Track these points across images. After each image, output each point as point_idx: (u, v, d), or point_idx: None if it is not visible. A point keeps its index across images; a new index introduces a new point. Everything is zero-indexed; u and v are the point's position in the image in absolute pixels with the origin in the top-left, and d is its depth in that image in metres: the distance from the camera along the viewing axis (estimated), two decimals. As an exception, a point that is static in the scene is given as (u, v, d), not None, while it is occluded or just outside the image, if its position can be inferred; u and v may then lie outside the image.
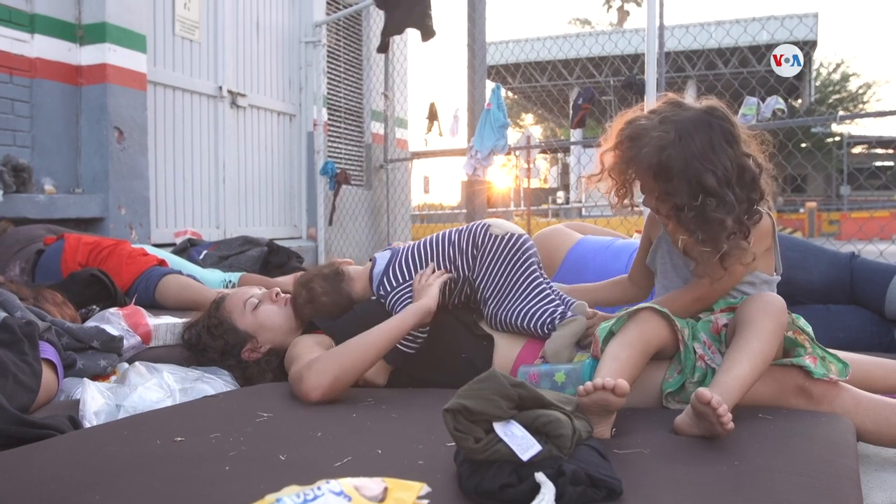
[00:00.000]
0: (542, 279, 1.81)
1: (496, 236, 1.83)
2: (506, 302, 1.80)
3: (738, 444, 1.21)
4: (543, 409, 1.07)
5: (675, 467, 1.13)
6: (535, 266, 1.83)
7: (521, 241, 1.83)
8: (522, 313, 1.76)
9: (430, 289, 1.79)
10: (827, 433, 1.29)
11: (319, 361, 1.61)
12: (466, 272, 1.87)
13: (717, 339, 1.48)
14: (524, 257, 1.81)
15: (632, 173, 1.54)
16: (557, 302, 1.76)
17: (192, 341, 2.04)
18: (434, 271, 1.87)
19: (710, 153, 1.43)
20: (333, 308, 1.95)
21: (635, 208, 1.66)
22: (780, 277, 1.62)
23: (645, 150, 1.45)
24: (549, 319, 1.73)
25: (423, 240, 1.96)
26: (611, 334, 1.48)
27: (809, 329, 1.48)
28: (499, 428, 1.02)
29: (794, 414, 1.39)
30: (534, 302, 1.77)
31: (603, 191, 1.61)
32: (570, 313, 1.72)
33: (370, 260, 2.02)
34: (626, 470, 1.08)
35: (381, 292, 1.91)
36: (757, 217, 1.49)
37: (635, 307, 1.47)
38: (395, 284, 1.89)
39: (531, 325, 1.75)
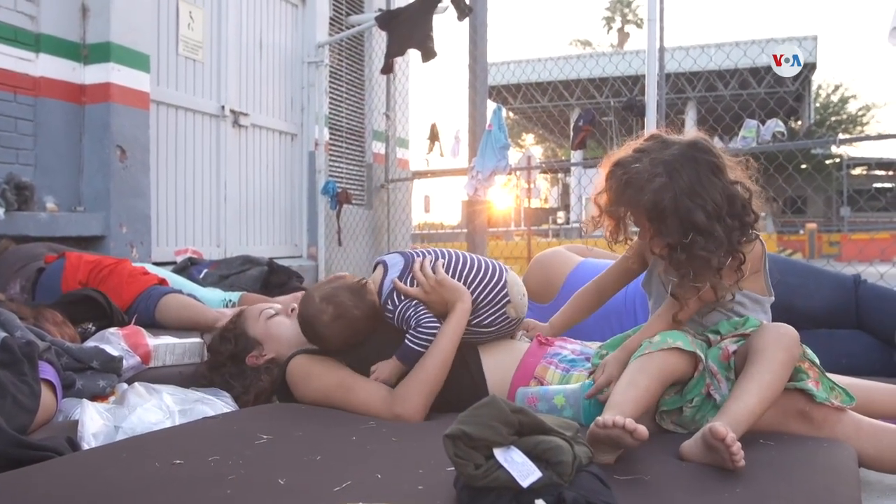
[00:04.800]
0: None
1: (511, 318, 1.84)
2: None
3: (740, 471, 1.20)
4: (544, 434, 1.06)
5: (675, 494, 1.13)
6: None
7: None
8: None
9: (455, 289, 1.77)
10: (828, 460, 1.28)
11: (408, 387, 1.70)
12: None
13: (724, 366, 1.47)
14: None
15: (626, 213, 1.56)
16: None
17: (210, 347, 2.09)
18: (422, 267, 1.81)
19: (699, 188, 1.45)
20: (365, 323, 1.81)
21: (629, 241, 1.68)
22: (772, 299, 1.62)
23: (640, 195, 1.46)
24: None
25: (447, 255, 1.86)
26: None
27: (817, 360, 1.48)
28: (499, 454, 1.01)
29: (796, 440, 1.39)
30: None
31: (602, 230, 1.63)
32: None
33: (377, 265, 1.90)
34: (627, 496, 1.07)
35: (390, 306, 1.81)
36: (752, 237, 1.51)
37: (663, 345, 1.43)
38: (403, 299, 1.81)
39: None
